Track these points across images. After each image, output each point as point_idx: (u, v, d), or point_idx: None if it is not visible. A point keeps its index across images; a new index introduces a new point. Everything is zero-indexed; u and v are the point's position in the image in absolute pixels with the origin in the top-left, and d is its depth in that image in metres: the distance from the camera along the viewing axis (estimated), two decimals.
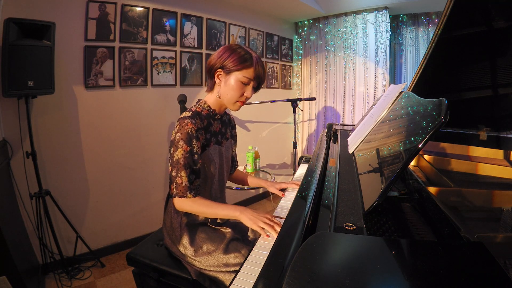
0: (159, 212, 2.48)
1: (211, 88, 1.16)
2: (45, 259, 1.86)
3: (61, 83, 1.90)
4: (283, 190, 1.34)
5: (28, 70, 1.61)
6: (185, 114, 1.08)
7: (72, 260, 2.01)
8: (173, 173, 1.04)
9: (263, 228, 0.94)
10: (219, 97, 1.14)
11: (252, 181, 1.46)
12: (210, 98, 1.16)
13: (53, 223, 1.89)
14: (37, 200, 1.76)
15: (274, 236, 0.91)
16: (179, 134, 1.03)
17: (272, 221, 0.96)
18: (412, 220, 0.82)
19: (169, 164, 1.06)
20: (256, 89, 1.14)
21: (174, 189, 1.04)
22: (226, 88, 1.10)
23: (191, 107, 1.14)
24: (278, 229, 0.91)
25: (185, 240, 1.11)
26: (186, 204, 1.05)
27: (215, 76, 1.11)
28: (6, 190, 1.68)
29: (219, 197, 1.25)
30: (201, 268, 1.07)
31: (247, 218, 0.98)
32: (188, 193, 1.04)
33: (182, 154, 1.03)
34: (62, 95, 1.93)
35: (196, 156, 1.06)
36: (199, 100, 1.18)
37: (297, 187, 1.11)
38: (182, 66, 2.54)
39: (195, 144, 1.05)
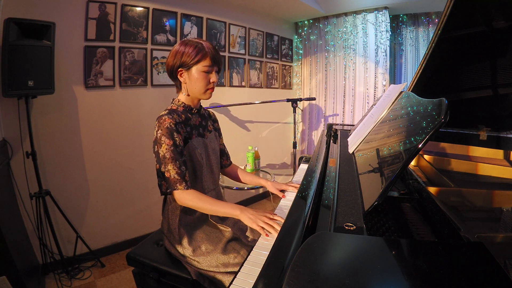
0: (159, 212, 2.45)
1: (179, 88, 1.19)
2: (45, 259, 1.86)
3: (61, 83, 1.90)
4: (282, 191, 1.34)
5: (28, 70, 1.61)
6: (162, 113, 1.11)
7: (72, 260, 2.01)
8: (162, 169, 1.05)
9: (263, 228, 0.94)
10: (188, 95, 1.17)
11: (251, 180, 1.44)
12: (182, 96, 1.20)
13: (53, 223, 1.89)
14: (37, 200, 1.76)
15: (274, 235, 0.91)
16: (159, 131, 1.05)
17: (272, 219, 0.96)
18: (412, 220, 0.82)
19: (155, 163, 1.07)
20: (218, 72, 1.18)
21: (165, 185, 1.05)
22: (192, 82, 1.13)
23: (167, 107, 1.18)
24: (278, 228, 0.91)
25: (184, 240, 1.11)
26: (184, 197, 1.04)
27: (178, 76, 1.14)
28: (6, 190, 1.68)
29: (212, 189, 1.25)
30: (200, 269, 1.07)
31: (247, 217, 0.98)
32: (178, 185, 1.04)
33: (166, 149, 1.04)
34: (62, 95, 1.93)
35: (180, 148, 1.08)
36: (173, 99, 1.21)
37: (296, 190, 1.10)
38: None
39: (176, 137, 1.07)
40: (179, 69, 1.12)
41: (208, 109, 1.37)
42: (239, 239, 1.14)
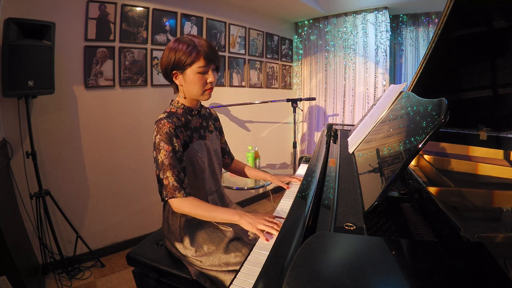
0: (159, 212, 2.46)
1: (177, 89, 1.15)
2: (45, 259, 1.86)
3: (61, 83, 1.89)
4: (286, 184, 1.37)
5: (28, 70, 1.61)
6: (161, 116, 1.07)
7: (72, 260, 2.01)
8: (160, 176, 1.02)
9: (263, 231, 0.93)
10: (185, 97, 1.14)
11: (256, 174, 1.45)
12: (180, 98, 1.16)
13: (53, 223, 1.89)
14: (37, 200, 1.76)
15: (274, 235, 0.90)
16: (158, 136, 1.02)
17: (271, 222, 0.95)
18: (412, 220, 0.82)
19: (155, 169, 1.04)
20: (217, 69, 1.13)
21: (164, 192, 1.02)
22: (188, 85, 1.09)
23: (166, 109, 1.14)
24: (278, 229, 0.91)
25: (186, 241, 1.11)
26: (182, 205, 1.02)
27: (173, 78, 1.10)
28: (6, 190, 1.68)
29: (215, 191, 1.24)
30: (202, 268, 1.07)
31: (246, 222, 0.96)
32: (177, 192, 1.01)
33: (165, 155, 1.01)
34: (62, 95, 1.93)
35: (179, 154, 1.04)
36: (172, 100, 1.17)
37: (299, 182, 1.11)
38: None
39: (176, 143, 1.04)
40: (173, 72, 1.08)
41: (209, 108, 1.35)
42: (240, 238, 1.14)
